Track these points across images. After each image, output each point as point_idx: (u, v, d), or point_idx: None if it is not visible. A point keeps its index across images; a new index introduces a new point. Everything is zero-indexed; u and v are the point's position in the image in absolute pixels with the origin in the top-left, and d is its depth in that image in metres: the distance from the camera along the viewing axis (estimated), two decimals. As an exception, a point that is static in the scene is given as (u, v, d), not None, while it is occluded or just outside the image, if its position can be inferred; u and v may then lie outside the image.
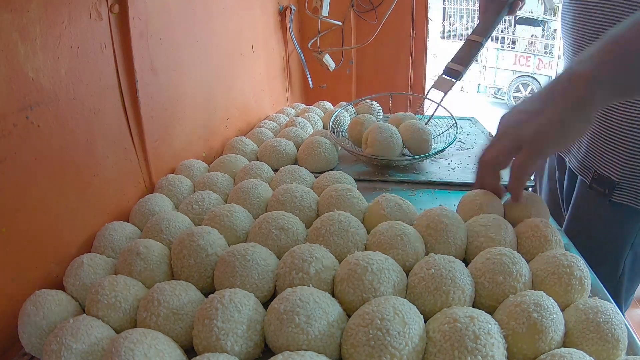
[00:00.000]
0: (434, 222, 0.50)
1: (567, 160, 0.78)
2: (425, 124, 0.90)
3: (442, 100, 0.88)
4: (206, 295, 0.42)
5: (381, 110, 1.00)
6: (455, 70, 0.86)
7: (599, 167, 0.68)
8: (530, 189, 0.73)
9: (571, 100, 0.48)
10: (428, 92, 0.92)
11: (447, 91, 0.87)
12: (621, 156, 0.65)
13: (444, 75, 0.88)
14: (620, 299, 0.72)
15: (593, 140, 0.69)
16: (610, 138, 0.66)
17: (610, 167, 0.67)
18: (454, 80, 0.86)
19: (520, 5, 0.82)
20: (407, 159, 0.79)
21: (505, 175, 0.56)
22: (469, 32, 0.88)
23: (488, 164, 0.56)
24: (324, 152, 0.78)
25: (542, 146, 0.50)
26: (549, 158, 0.85)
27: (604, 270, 0.51)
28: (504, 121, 0.55)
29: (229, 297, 0.39)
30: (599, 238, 0.69)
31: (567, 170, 0.80)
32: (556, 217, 0.77)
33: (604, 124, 0.67)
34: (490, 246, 0.48)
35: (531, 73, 6.15)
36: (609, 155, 0.67)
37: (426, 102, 0.93)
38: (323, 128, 1.00)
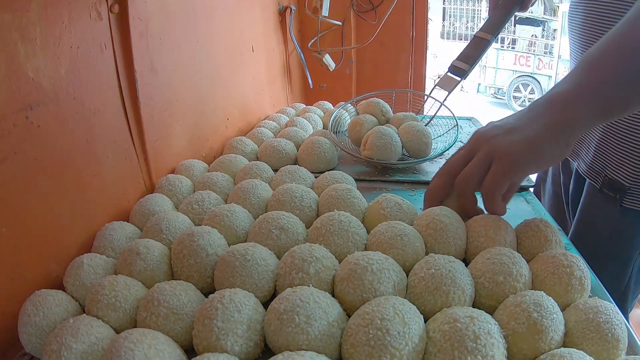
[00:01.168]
0: (434, 222, 0.50)
1: (575, 164, 0.76)
2: (426, 124, 0.90)
3: (445, 99, 0.88)
4: (206, 295, 0.42)
5: (390, 110, 0.92)
6: (460, 68, 0.83)
7: (610, 171, 0.66)
8: (531, 189, 0.73)
9: (549, 120, 0.46)
10: (432, 90, 0.91)
11: (451, 90, 0.85)
12: (632, 160, 0.64)
13: (449, 73, 0.85)
14: (627, 304, 0.71)
15: (602, 143, 0.68)
16: (620, 141, 0.65)
17: (621, 171, 0.65)
18: (459, 79, 0.84)
19: (532, 2, 0.78)
20: (405, 162, 0.79)
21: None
22: (469, 32, 0.86)
23: (464, 185, 0.51)
24: (324, 152, 0.78)
25: (513, 164, 0.47)
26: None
27: (611, 275, 0.50)
28: (476, 134, 0.53)
29: (229, 297, 0.39)
30: (607, 243, 0.67)
31: (573, 174, 0.78)
32: (560, 221, 0.76)
33: (614, 126, 0.65)
34: (490, 246, 0.48)
35: (531, 73, 6.16)
36: (619, 159, 0.65)
37: (428, 100, 0.92)
38: (323, 128, 1.00)
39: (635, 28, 0.45)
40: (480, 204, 0.52)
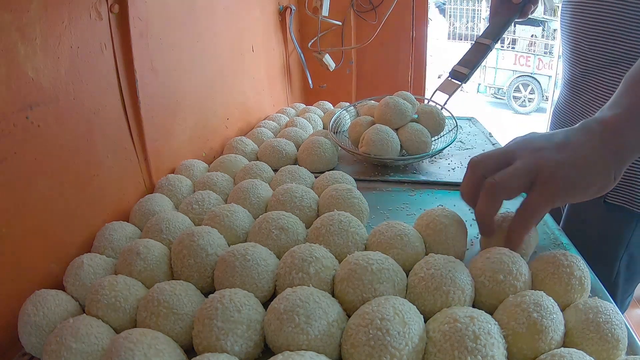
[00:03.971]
0: (433, 222, 0.50)
1: None
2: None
3: (445, 103, 0.88)
4: (206, 295, 0.42)
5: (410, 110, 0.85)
6: (461, 72, 0.85)
7: None
8: None
9: (603, 143, 0.42)
10: (433, 94, 0.92)
11: (452, 94, 0.87)
12: None
13: (450, 78, 0.87)
14: (616, 301, 0.71)
15: None
16: None
17: None
18: (460, 83, 0.85)
19: (533, 8, 0.80)
20: (403, 159, 0.79)
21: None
22: (468, 32, 0.87)
23: (496, 190, 0.44)
24: (324, 152, 0.78)
25: (560, 189, 0.42)
26: None
27: (599, 271, 0.49)
28: (518, 140, 0.47)
29: (229, 297, 0.39)
30: (593, 238, 0.68)
31: None
32: (556, 217, 0.76)
33: None
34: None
35: (531, 73, 6.15)
36: None
37: (430, 104, 0.93)
38: (323, 128, 1.00)
39: None
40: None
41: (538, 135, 0.46)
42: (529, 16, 0.82)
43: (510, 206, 0.50)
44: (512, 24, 0.84)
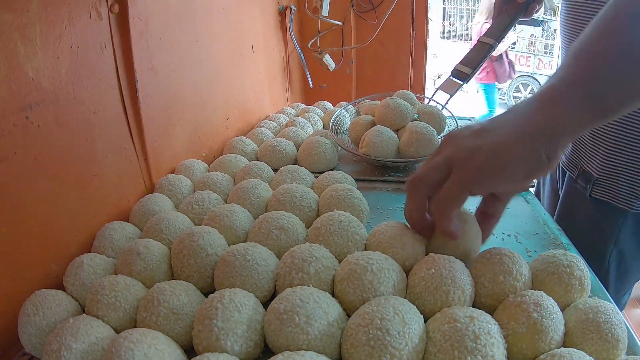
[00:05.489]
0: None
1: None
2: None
3: (447, 102, 0.88)
4: (206, 295, 0.42)
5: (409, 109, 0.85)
6: (463, 72, 0.85)
7: (584, 162, 0.67)
8: (532, 189, 0.72)
9: (525, 122, 0.38)
10: (434, 93, 0.92)
11: (453, 94, 0.87)
12: (601, 151, 0.64)
13: (451, 77, 0.87)
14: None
15: (581, 136, 0.68)
16: (593, 133, 0.66)
17: (592, 162, 0.66)
18: (461, 83, 0.85)
19: (537, 8, 0.80)
20: (402, 160, 0.79)
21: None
22: (469, 32, 0.87)
23: (412, 188, 0.43)
24: (324, 152, 0.78)
25: (473, 174, 0.39)
26: None
27: (589, 266, 0.49)
28: (448, 134, 0.45)
29: (229, 297, 0.39)
30: (582, 235, 0.68)
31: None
32: (551, 212, 0.76)
33: None
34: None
35: (531, 73, 6.15)
36: (591, 151, 0.66)
37: (431, 103, 0.93)
38: (323, 128, 1.00)
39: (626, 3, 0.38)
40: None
41: (461, 128, 0.44)
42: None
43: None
44: (516, 23, 0.84)
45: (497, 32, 0.81)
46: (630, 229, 0.66)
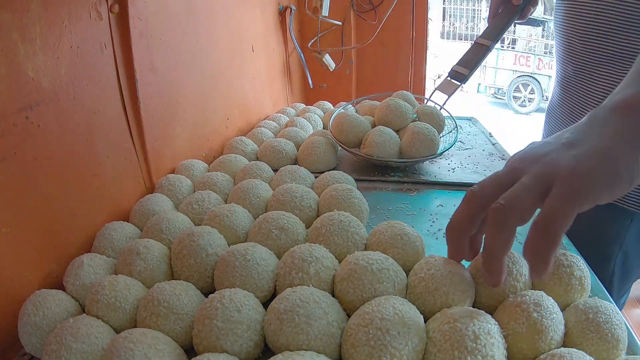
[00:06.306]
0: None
1: None
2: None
3: (445, 103, 0.88)
4: (206, 295, 0.42)
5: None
6: (460, 73, 0.85)
7: None
8: None
9: (618, 127, 0.35)
10: (432, 94, 0.92)
11: (451, 94, 0.87)
12: None
13: (449, 78, 0.87)
14: (612, 299, 0.71)
15: None
16: None
17: None
18: (459, 84, 0.85)
19: (532, 10, 0.80)
20: (404, 160, 0.79)
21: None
22: (469, 32, 0.87)
23: (504, 215, 0.35)
24: (324, 152, 0.78)
25: (583, 185, 0.33)
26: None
27: (594, 269, 0.49)
28: (515, 156, 0.39)
29: (229, 297, 0.39)
30: (589, 237, 0.68)
31: None
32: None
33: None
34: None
35: (531, 73, 6.15)
36: None
37: (429, 104, 0.93)
38: (323, 128, 1.00)
39: None
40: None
41: (540, 142, 0.39)
42: (529, 17, 0.83)
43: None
44: (512, 25, 0.85)
45: (493, 33, 0.83)
46: (636, 231, 0.66)
